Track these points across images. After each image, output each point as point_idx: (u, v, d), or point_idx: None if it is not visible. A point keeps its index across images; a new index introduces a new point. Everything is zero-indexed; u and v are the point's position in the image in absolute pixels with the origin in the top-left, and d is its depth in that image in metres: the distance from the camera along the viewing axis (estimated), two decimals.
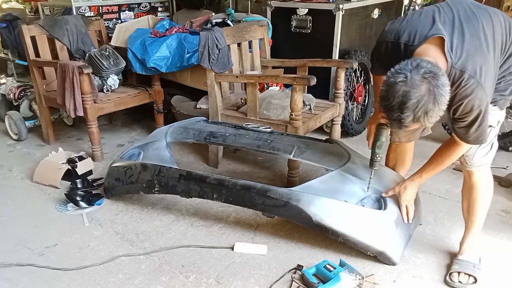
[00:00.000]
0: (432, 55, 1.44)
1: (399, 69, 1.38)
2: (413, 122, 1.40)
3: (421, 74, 1.34)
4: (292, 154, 2.21)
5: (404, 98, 1.35)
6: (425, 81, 1.34)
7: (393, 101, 1.37)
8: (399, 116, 1.39)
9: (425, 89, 1.34)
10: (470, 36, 1.48)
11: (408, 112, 1.36)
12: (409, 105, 1.35)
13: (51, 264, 1.94)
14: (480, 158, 1.75)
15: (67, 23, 3.22)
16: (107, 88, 3.16)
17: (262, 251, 1.99)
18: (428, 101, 1.35)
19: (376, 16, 3.52)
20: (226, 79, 2.82)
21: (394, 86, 1.37)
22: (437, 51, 1.46)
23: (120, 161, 2.41)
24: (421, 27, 1.51)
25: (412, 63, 1.37)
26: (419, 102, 1.35)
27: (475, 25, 1.51)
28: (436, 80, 1.35)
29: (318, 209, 1.88)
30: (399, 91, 1.36)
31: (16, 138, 3.45)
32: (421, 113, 1.36)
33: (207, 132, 2.46)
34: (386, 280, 1.81)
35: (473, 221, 1.85)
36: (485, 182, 1.81)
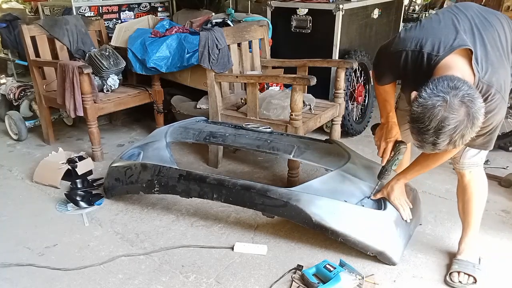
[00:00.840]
0: (460, 69, 1.38)
1: (437, 91, 1.29)
2: (447, 145, 1.34)
3: (460, 98, 1.27)
4: (292, 154, 2.21)
5: (442, 123, 1.28)
6: (464, 106, 1.27)
7: (429, 125, 1.30)
8: (434, 140, 1.32)
9: (464, 114, 1.28)
10: (491, 47, 1.46)
11: (444, 137, 1.31)
12: (446, 130, 1.29)
13: (51, 264, 1.94)
14: (469, 159, 1.73)
15: (67, 23, 3.22)
16: (107, 88, 3.16)
17: (262, 251, 1.99)
18: (466, 126, 1.29)
19: (376, 16, 3.52)
20: (226, 79, 2.83)
21: (432, 110, 1.28)
22: (464, 64, 1.40)
23: (120, 161, 2.41)
24: (444, 36, 1.44)
25: (449, 83, 1.29)
26: (457, 128, 1.29)
27: (493, 34, 1.49)
28: (474, 103, 1.28)
29: (318, 209, 1.88)
30: (437, 116, 1.28)
31: (16, 138, 3.45)
32: (457, 137, 1.31)
33: (207, 132, 2.46)
34: (386, 280, 1.81)
35: (469, 222, 1.86)
36: (478, 182, 1.80)
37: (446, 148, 1.36)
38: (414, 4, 5.97)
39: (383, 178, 1.91)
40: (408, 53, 1.50)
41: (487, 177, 1.86)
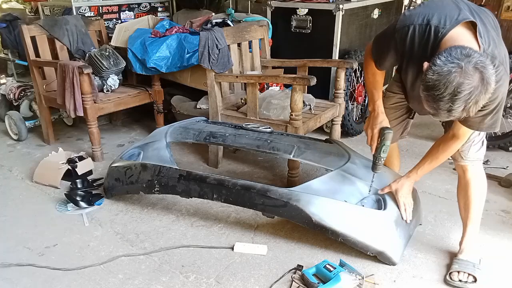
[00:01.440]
0: (466, 40, 1.41)
1: (451, 58, 1.32)
2: (462, 111, 1.36)
3: (473, 64, 1.30)
4: (292, 154, 2.21)
5: (458, 89, 1.31)
6: (477, 71, 1.30)
7: (445, 91, 1.32)
8: (450, 107, 1.34)
9: (478, 79, 1.30)
10: (489, 26, 1.51)
11: (460, 103, 1.33)
12: (462, 96, 1.31)
13: (51, 264, 1.94)
14: (474, 153, 1.78)
15: (67, 23, 3.22)
16: (107, 88, 3.16)
17: (262, 251, 1.99)
18: (480, 92, 1.32)
19: (376, 16, 3.52)
20: (226, 79, 2.83)
21: (448, 76, 1.31)
22: (470, 36, 1.44)
23: (120, 161, 2.41)
24: (449, 11, 1.49)
25: (462, 51, 1.32)
26: (472, 93, 1.31)
27: (487, 17, 1.55)
28: (486, 69, 1.32)
29: (317, 209, 1.88)
30: (453, 82, 1.30)
31: (16, 138, 3.45)
32: (471, 103, 1.33)
33: (207, 132, 2.46)
34: (386, 280, 1.81)
35: (471, 219, 1.87)
36: (479, 178, 1.84)
37: (461, 115, 1.38)
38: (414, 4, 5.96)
39: (376, 169, 1.89)
40: (415, 27, 1.52)
41: (487, 177, 1.88)
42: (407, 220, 1.93)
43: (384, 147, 1.83)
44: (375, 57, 1.78)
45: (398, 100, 1.95)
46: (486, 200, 1.90)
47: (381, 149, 1.84)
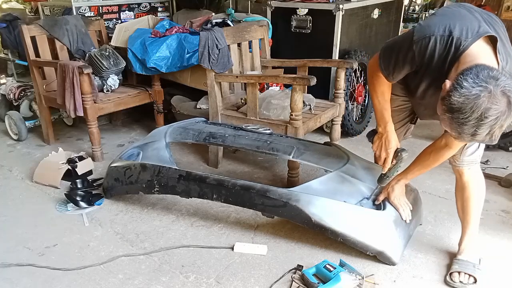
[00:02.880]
0: (486, 57, 1.36)
1: (479, 81, 1.26)
2: (486, 136, 1.32)
3: (502, 88, 1.25)
4: (292, 155, 2.21)
5: (486, 114, 1.25)
6: (505, 96, 1.26)
7: (471, 115, 1.26)
8: (475, 131, 1.29)
9: (505, 104, 1.26)
10: (505, 38, 1.46)
11: (485, 127, 1.28)
12: (488, 121, 1.27)
13: (51, 264, 1.94)
14: (468, 156, 1.75)
15: (67, 23, 3.22)
16: (107, 88, 3.16)
17: (262, 251, 1.99)
18: (506, 116, 1.27)
19: (376, 16, 3.52)
20: (226, 79, 2.82)
21: (476, 100, 1.25)
22: (490, 52, 1.39)
23: (119, 161, 2.41)
24: (470, 23, 1.42)
25: (489, 73, 1.27)
26: (498, 119, 1.27)
27: (501, 28, 1.49)
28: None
29: (317, 209, 1.88)
30: (481, 106, 1.25)
31: (16, 138, 3.45)
32: (497, 128, 1.29)
33: (206, 133, 2.46)
34: (386, 280, 1.81)
35: (468, 221, 1.86)
36: (476, 180, 1.82)
37: (484, 139, 1.33)
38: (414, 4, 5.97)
39: (383, 183, 1.92)
40: (437, 38, 1.44)
41: (487, 177, 1.87)
42: (407, 220, 1.93)
43: (399, 168, 1.85)
44: (387, 71, 1.65)
45: (401, 102, 1.93)
46: (486, 200, 1.90)
47: (396, 169, 1.85)
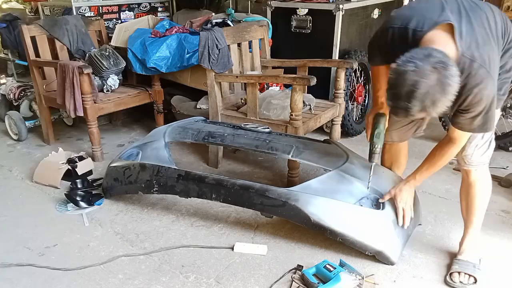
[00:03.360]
0: (441, 42, 1.42)
1: (410, 58, 1.34)
2: (420, 111, 1.37)
3: (432, 64, 1.31)
4: (291, 154, 2.21)
5: (413, 87, 1.32)
6: (435, 71, 1.31)
7: (402, 89, 1.35)
8: (406, 105, 1.36)
9: (435, 79, 1.31)
10: (477, 25, 1.47)
11: (415, 101, 1.34)
12: (417, 94, 1.33)
13: (51, 264, 1.94)
14: (478, 157, 1.74)
15: (67, 23, 3.22)
16: (107, 88, 3.16)
17: (262, 251, 1.99)
18: (436, 91, 1.32)
19: (376, 16, 3.52)
20: (226, 79, 2.82)
21: (404, 75, 1.33)
22: (447, 38, 1.43)
23: (118, 161, 2.41)
24: (430, 14, 1.49)
25: (423, 52, 1.35)
26: (427, 92, 1.32)
27: (480, 15, 1.51)
28: (446, 70, 1.32)
29: (316, 208, 1.88)
30: (408, 80, 1.33)
31: (16, 138, 3.45)
32: (428, 103, 1.34)
33: (205, 132, 2.46)
34: (386, 280, 1.81)
35: (472, 220, 1.86)
36: (483, 181, 1.81)
37: (419, 115, 1.40)
38: None
39: (372, 158, 1.87)
40: (395, 30, 1.56)
41: None
42: (404, 225, 1.91)
43: (377, 130, 1.81)
44: (368, 53, 1.87)
45: None
46: None
47: (374, 133, 1.82)
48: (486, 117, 1.53)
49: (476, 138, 1.70)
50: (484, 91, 1.45)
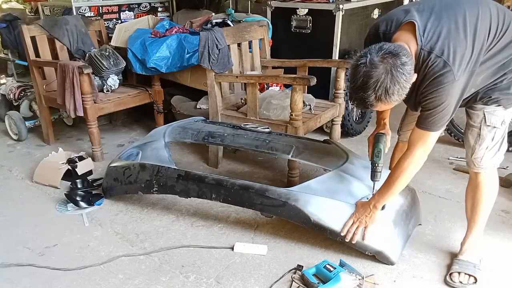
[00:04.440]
0: (404, 39, 1.49)
1: (364, 53, 1.44)
2: (376, 101, 1.44)
3: (381, 55, 1.40)
4: (291, 154, 2.21)
5: (365, 78, 1.41)
6: (384, 61, 1.40)
7: (357, 82, 1.43)
8: (362, 95, 1.44)
9: (383, 68, 1.39)
10: (447, 20, 1.49)
11: (369, 91, 1.42)
12: (369, 84, 1.41)
13: (51, 264, 1.94)
14: (489, 160, 1.73)
15: (67, 23, 3.22)
16: (107, 88, 3.16)
17: (262, 251, 1.99)
18: (386, 80, 1.40)
19: (376, 16, 3.52)
20: (226, 79, 2.82)
21: (357, 68, 1.43)
22: (409, 35, 1.49)
23: (118, 161, 2.41)
24: (398, 16, 1.57)
25: (375, 46, 1.44)
26: (378, 81, 1.40)
27: (456, 11, 1.51)
28: (396, 59, 1.40)
29: (316, 208, 1.88)
30: (361, 72, 1.42)
31: (16, 138, 3.45)
32: (381, 91, 1.41)
33: (205, 132, 2.46)
34: (386, 280, 1.81)
35: (476, 221, 1.84)
36: (490, 182, 1.79)
37: (379, 106, 1.48)
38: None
39: (375, 177, 1.86)
40: (370, 37, 1.64)
41: None
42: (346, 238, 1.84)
43: (376, 150, 1.82)
44: None
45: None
46: None
47: (374, 153, 1.83)
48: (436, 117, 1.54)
49: (486, 140, 1.69)
50: (441, 79, 1.46)
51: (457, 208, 2.32)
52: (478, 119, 1.68)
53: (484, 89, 1.62)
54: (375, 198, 1.81)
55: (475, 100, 1.66)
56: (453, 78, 1.45)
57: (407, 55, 1.42)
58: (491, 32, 1.51)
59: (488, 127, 1.67)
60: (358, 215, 1.84)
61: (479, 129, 1.69)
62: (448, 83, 1.46)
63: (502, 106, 1.63)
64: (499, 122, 1.65)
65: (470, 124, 1.72)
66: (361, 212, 1.83)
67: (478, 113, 1.67)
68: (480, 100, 1.65)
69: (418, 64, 1.48)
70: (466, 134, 1.75)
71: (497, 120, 1.65)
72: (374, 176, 1.86)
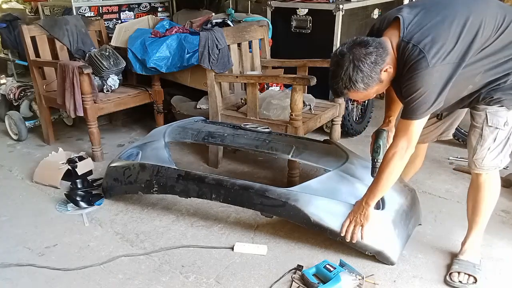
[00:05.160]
0: (388, 34, 1.58)
1: (340, 46, 1.59)
2: (344, 88, 1.57)
3: (349, 46, 1.54)
4: (291, 155, 2.21)
5: (334, 67, 1.57)
6: (350, 51, 1.52)
7: (330, 71, 1.60)
8: (332, 83, 1.60)
9: (347, 58, 1.52)
10: (435, 14, 1.52)
11: (337, 78, 1.56)
12: (337, 72, 1.55)
13: (51, 264, 1.94)
14: (490, 161, 1.71)
15: (67, 23, 3.22)
16: (107, 88, 3.16)
17: (262, 251, 1.99)
18: (349, 68, 1.52)
19: (376, 16, 3.52)
20: (226, 79, 2.82)
21: (331, 59, 1.61)
22: (394, 30, 1.56)
23: (118, 161, 2.41)
24: (391, 14, 1.63)
25: (350, 39, 1.58)
26: (342, 69, 1.53)
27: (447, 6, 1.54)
28: (361, 49, 1.52)
29: (316, 209, 1.88)
30: (332, 63, 1.60)
31: (16, 138, 3.45)
32: (346, 79, 1.54)
33: (205, 132, 2.46)
34: (386, 280, 1.81)
35: (477, 222, 1.84)
36: (492, 183, 1.77)
37: (347, 92, 1.59)
38: None
39: (374, 172, 1.86)
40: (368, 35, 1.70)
41: None
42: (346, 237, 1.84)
43: (376, 145, 1.83)
44: None
45: None
46: None
47: (374, 148, 1.84)
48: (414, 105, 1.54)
49: (488, 141, 1.67)
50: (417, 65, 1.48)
51: (457, 208, 2.32)
52: (480, 120, 1.67)
53: (487, 90, 1.61)
54: (366, 194, 1.81)
55: (477, 100, 1.65)
56: (427, 65, 1.47)
57: (374, 45, 1.52)
58: (484, 28, 1.50)
59: (490, 127, 1.66)
60: (353, 214, 1.84)
61: (481, 129, 1.68)
62: (421, 69, 1.48)
63: (505, 107, 1.62)
64: (501, 123, 1.64)
65: (473, 124, 1.72)
66: (356, 211, 1.84)
67: (480, 113, 1.67)
68: (482, 101, 1.64)
69: (399, 54, 1.54)
70: (469, 135, 1.75)
71: (500, 121, 1.64)
72: (374, 172, 1.86)
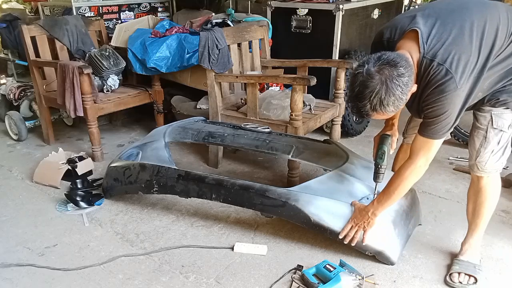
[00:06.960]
0: (407, 48, 1.48)
1: (363, 61, 1.44)
2: (372, 110, 1.44)
3: (378, 65, 1.40)
4: (291, 155, 2.21)
5: (361, 88, 1.41)
6: (381, 72, 1.39)
7: (354, 91, 1.44)
8: (358, 105, 1.45)
9: (379, 79, 1.39)
10: (453, 26, 1.46)
11: (365, 101, 1.42)
12: (365, 94, 1.41)
13: (51, 264, 1.94)
14: (493, 164, 1.70)
15: (67, 23, 3.22)
16: (107, 88, 3.16)
17: (262, 251, 1.99)
18: (381, 91, 1.39)
19: (376, 16, 3.52)
20: (226, 79, 2.83)
21: (355, 77, 1.44)
22: (412, 43, 1.48)
23: (118, 161, 2.41)
24: (402, 23, 1.55)
25: (375, 55, 1.43)
26: (373, 92, 1.40)
27: (463, 16, 1.49)
28: (392, 70, 1.39)
29: (316, 209, 1.88)
30: (358, 81, 1.42)
31: (16, 138, 3.45)
32: (376, 102, 1.41)
33: (205, 132, 2.46)
34: (386, 280, 1.81)
35: (477, 224, 1.83)
36: (493, 186, 1.76)
37: (375, 115, 1.47)
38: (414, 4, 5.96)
39: (377, 178, 1.85)
40: (376, 45, 1.64)
41: None
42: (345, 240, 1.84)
43: (380, 151, 1.82)
44: None
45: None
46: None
47: (378, 154, 1.82)
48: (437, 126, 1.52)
49: (492, 144, 1.66)
50: (443, 87, 1.43)
51: (457, 208, 2.33)
52: (485, 121, 1.65)
53: (492, 92, 1.60)
54: (374, 205, 1.78)
55: (482, 102, 1.63)
56: (456, 86, 1.43)
57: (405, 66, 1.40)
58: (499, 37, 1.48)
59: (495, 129, 1.64)
60: (356, 220, 1.82)
61: (485, 131, 1.66)
62: (450, 92, 1.43)
63: (510, 109, 1.61)
64: (506, 125, 1.63)
65: (477, 126, 1.69)
66: (359, 218, 1.82)
67: (485, 115, 1.65)
68: (487, 102, 1.62)
69: (420, 72, 1.47)
70: (472, 137, 1.72)
71: (504, 123, 1.62)
72: (377, 177, 1.85)
